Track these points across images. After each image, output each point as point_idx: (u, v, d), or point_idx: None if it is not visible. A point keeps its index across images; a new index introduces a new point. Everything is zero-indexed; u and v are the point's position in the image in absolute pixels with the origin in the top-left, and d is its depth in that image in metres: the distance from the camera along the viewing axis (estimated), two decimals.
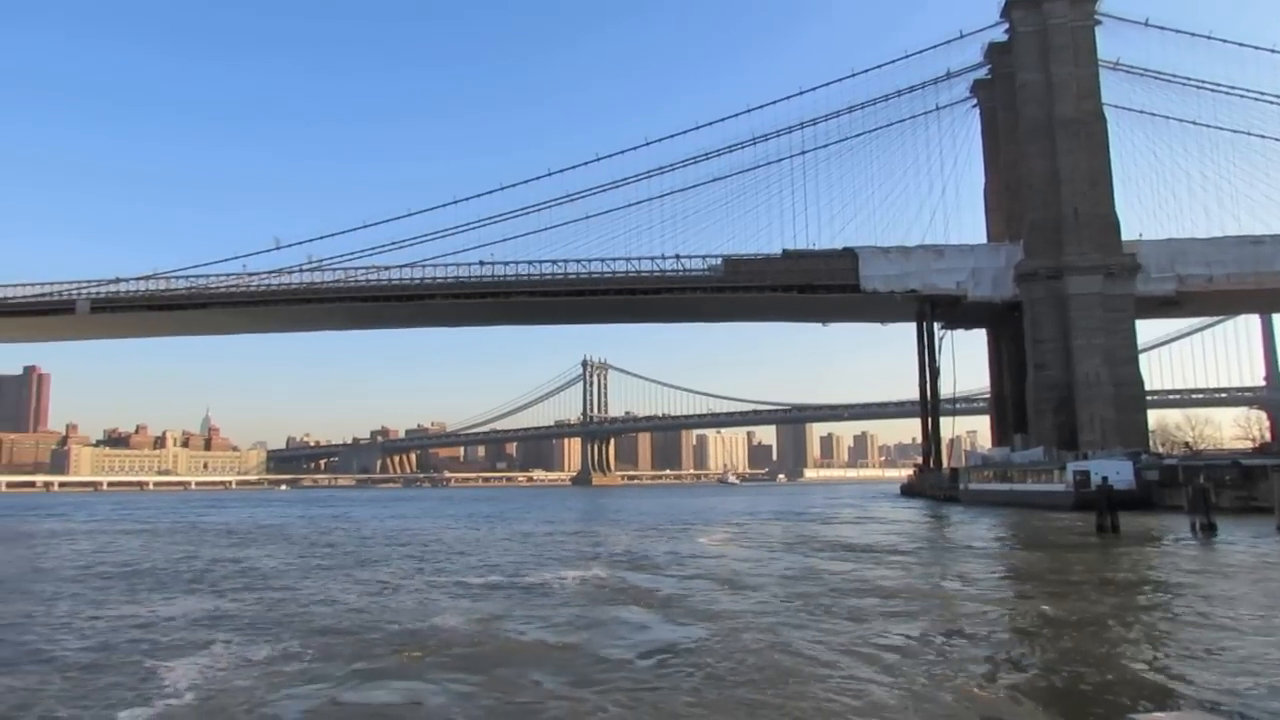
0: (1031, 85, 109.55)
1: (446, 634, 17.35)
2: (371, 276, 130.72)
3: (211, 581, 27.95)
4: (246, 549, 42.32)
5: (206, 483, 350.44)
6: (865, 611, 19.44)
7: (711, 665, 13.95)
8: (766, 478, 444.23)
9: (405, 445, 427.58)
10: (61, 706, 11.88)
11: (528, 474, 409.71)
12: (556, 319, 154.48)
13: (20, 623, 19.44)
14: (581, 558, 35.61)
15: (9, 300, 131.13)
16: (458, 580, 27.49)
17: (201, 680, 13.23)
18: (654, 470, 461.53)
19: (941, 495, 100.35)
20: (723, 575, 27.75)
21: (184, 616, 20.10)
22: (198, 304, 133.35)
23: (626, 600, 22.39)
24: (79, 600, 23.15)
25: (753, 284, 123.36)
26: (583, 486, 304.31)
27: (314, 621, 19.27)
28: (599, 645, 15.84)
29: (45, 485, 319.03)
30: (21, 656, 15.35)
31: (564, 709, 11.51)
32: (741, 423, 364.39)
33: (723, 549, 39.95)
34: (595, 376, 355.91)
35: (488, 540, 47.04)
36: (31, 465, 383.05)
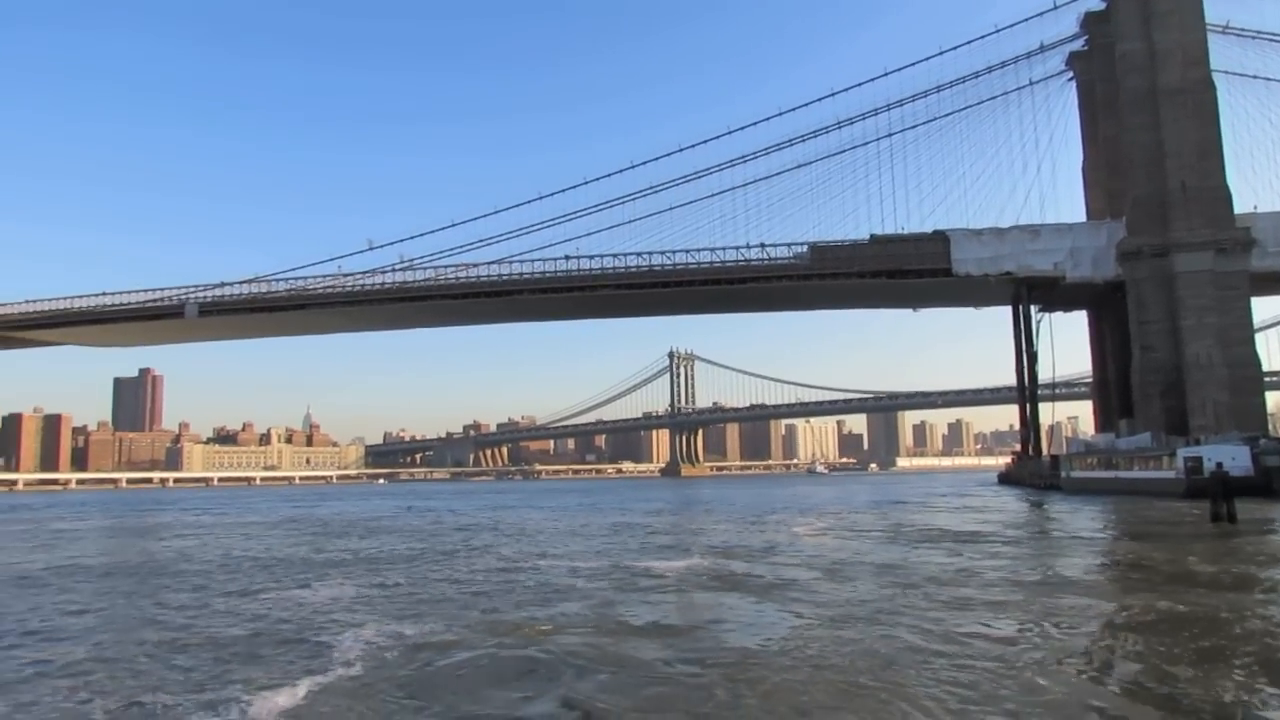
0: (1133, 54, 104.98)
1: (566, 617, 18.65)
2: (460, 274, 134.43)
3: (347, 568, 30.17)
4: (367, 539, 44.95)
5: (309, 477, 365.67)
6: (965, 601, 19.43)
7: (816, 652, 14.32)
8: (857, 467, 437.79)
9: (497, 439, 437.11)
10: (248, 676, 13.51)
11: (617, 466, 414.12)
12: (642, 311, 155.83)
13: (190, 605, 21.64)
14: (681, 546, 36.64)
15: (124, 305, 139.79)
16: (569, 566, 29.00)
17: (365, 653, 14.86)
18: (743, 461, 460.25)
19: (1042, 483, 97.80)
20: (821, 564, 28.26)
21: (333, 600, 22.03)
22: (297, 305, 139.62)
23: (729, 588, 23.16)
24: (232, 586, 25.39)
25: (840, 271, 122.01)
26: (671, 478, 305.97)
27: (448, 604, 21.00)
28: (706, 630, 16.73)
29: (161, 481, 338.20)
30: (200, 636, 17.22)
31: (676, 691, 12.15)
32: (831, 412, 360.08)
33: (818, 538, 40.30)
34: (682, 368, 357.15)
35: (588, 530, 48.62)
36: (148, 462, 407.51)
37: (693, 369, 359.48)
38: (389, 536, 46.44)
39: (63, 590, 25.04)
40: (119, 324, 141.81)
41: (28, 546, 43.39)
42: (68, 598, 23.36)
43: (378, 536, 46.57)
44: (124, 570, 30.94)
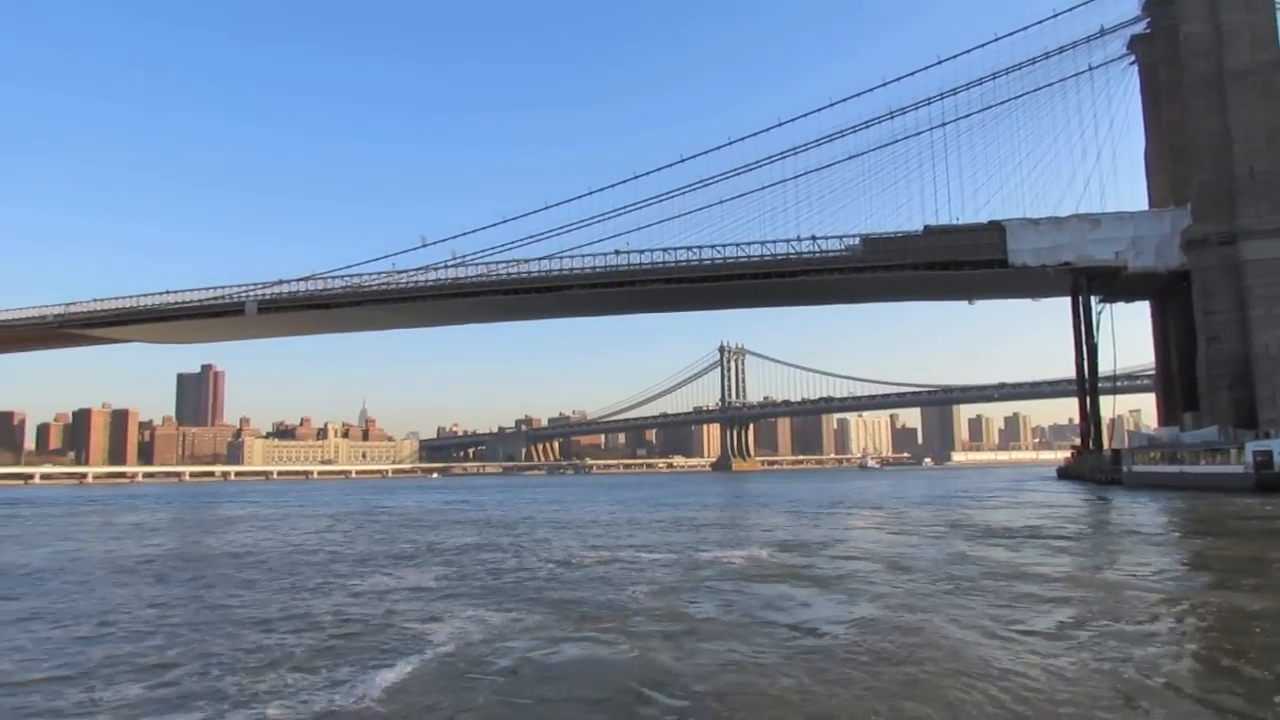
0: (1198, 36, 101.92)
1: (639, 603, 19.56)
2: (512, 270, 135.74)
3: (423, 558, 31.55)
4: (436, 531, 46.47)
5: (365, 471, 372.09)
6: (1027, 597, 19.42)
7: (877, 644, 14.62)
8: (911, 462, 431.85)
9: (548, 433, 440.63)
10: (352, 657, 14.59)
11: (668, 460, 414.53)
12: (692, 305, 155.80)
13: (286, 592, 23.02)
14: (739, 538, 37.28)
15: (187, 303, 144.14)
16: (637, 556, 30.06)
17: (456, 636, 15.94)
18: (794, 455, 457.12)
19: (1103, 478, 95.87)
20: (879, 557, 28.56)
21: (418, 588, 23.26)
22: (352, 302, 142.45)
23: (789, 579, 23.70)
24: (320, 576, 26.76)
25: (893, 263, 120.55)
26: (723, 472, 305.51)
27: (526, 591, 22.09)
28: (771, 619, 17.29)
29: (223, 475, 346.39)
30: (303, 621, 18.45)
31: (745, 677, 12.61)
32: (884, 406, 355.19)
33: (875, 532, 40.49)
34: (732, 362, 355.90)
35: (647, 522, 49.52)
36: (210, 456, 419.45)
37: (743, 363, 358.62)
38: (456, 528, 47.89)
39: (160, 580, 26.64)
40: (182, 321, 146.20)
41: (115, 538, 45.66)
42: (166, 588, 24.99)
43: (445, 529, 48.04)
44: (214, 560, 32.75)
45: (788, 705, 11.21)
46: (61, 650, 15.67)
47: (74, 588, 24.57)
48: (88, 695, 12.41)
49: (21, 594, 23.42)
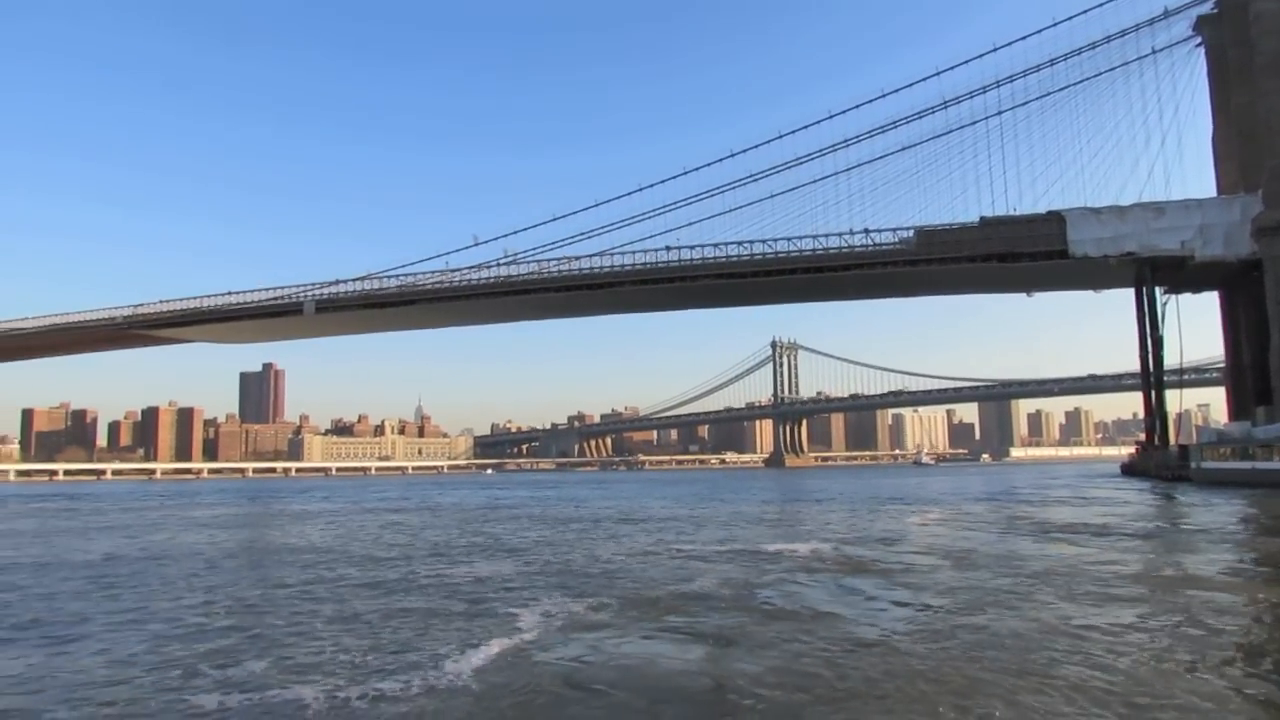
0: (1270, 14, 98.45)
1: (708, 594, 20.28)
2: (563, 267, 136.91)
3: (496, 550, 32.78)
4: (502, 525, 47.76)
5: (421, 467, 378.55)
6: (1092, 595, 19.32)
7: (941, 640, 14.80)
8: (968, 458, 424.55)
9: (601, 429, 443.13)
10: (444, 639, 15.64)
11: (720, 456, 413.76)
12: (743, 301, 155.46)
13: (371, 581, 24.26)
14: (800, 533, 37.67)
15: (248, 304, 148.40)
16: (702, 549, 30.88)
17: (540, 622, 16.92)
18: (848, 451, 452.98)
19: (1169, 475, 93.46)
20: (940, 553, 28.71)
21: (496, 576, 24.38)
22: (406, 301, 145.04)
23: (853, 573, 24.09)
24: (402, 566, 27.99)
25: (948, 255, 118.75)
26: (776, 468, 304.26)
27: (600, 581, 23.10)
28: (834, 613, 17.68)
29: (284, 471, 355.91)
30: (393, 607, 19.60)
31: (808, 672, 12.89)
32: (940, 401, 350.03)
33: (934, 528, 40.43)
34: (785, 357, 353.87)
35: (708, 517, 50.21)
36: (272, 452, 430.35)
37: (795, 358, 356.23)
38: (523, 523, 49.21)
39: (257, 567, 28.30)
40: (243, 321, 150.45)
41: (201, 530, 47.80)
42: (265, 575, 26.45)
43: (512, 523, 49.33)
44: (300, 550, 34.33)
45: (855, 701, 11.45)
46: (184, 629, 17.03)
47: (186, 574, 26.35)
48: (221, 672, 13.62)
49: (142, 579, 25.27)
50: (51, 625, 17.93)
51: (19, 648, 15.70)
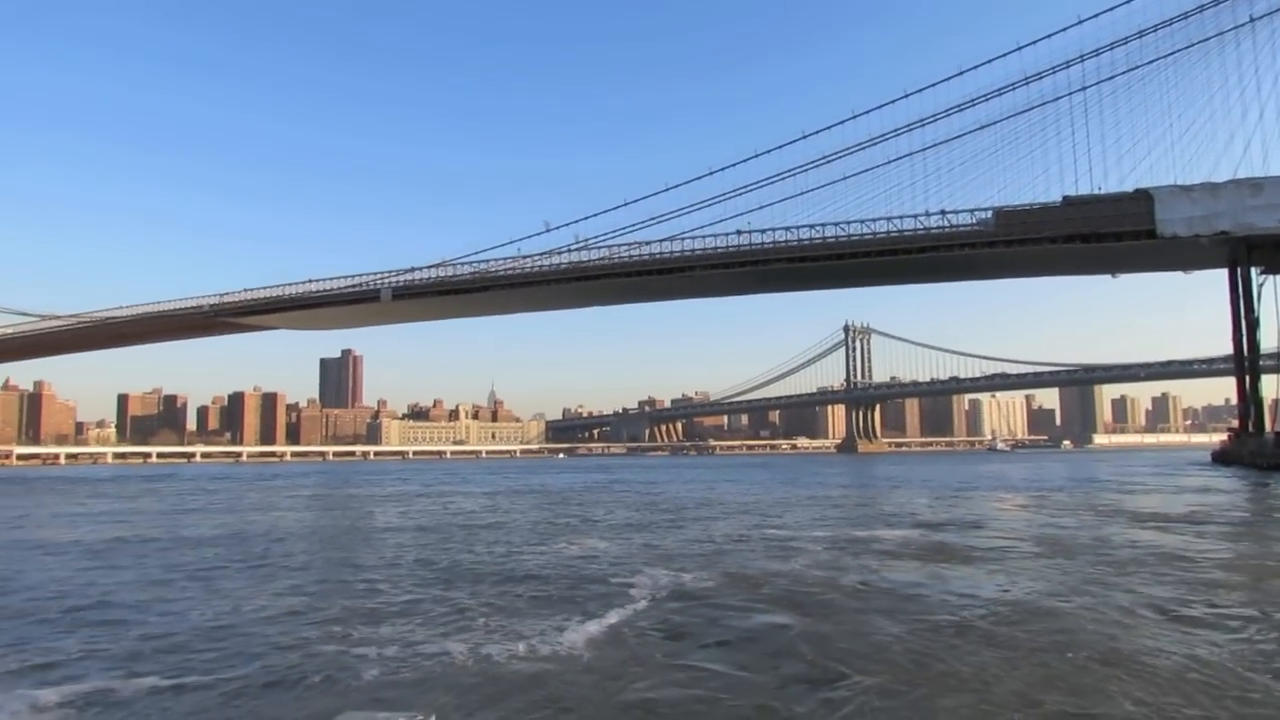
0: None
1: (801, 577, 21.13)
2: (633, 252, 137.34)
3: (588, 530, 34.36)
4: (591, 507, 49.38)
5: (494, 452, 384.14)
6: (1180, 584, 19.22)
7: (1031, 626, 14.90)
8: (1049, 444, 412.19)
9: (671, 414, 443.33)
10: (559, 611, 16.97)
11: (791, 441, 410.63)
12: (816, 284, 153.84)
13: (478, 557, 25.93)
14: (885, 517, 38.21)
15: (328, 291, 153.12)
16: (791, 533, 31.70)
17: (651, 595, 18.29)
18: (923, 437, 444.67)
19: (1264, 463, 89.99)
20: (1027, 539, 28.90)
21: (601, 554, 25.87)
22: (480, 287, 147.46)
23: (941, 559, 24.45)
24: (507, 543, 29.68)
25: (1028, 236, 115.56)
26: (848, 454, 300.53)
27: (700, 559, 24.35)
28: (923, 597, 18.22)
29: (363, 454, 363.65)
30: (505, 582, 21.15)
31: (900, 656, 13.18)
32: (1019, 386, 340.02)
33: (1019, 515, 40.35)
34: (858, 341, 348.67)
35: (791, 501, 51.03)
36: (351, 436, 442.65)
37: (869, 342, 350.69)
38: (610, 504, 50.90)
39: (369, 543, 30.48)
40: (323, 309, 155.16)
41: (305, 509, 50.71)
42: (381, 551, 28.38)
43: (600, 505, 50.94)
44: (404, 530, 36.28)
45: (943, 683, 11.68)
46: (327, 594, 18.95)
47: (306, 549, 28.62)
48: (372, 629, 15.23)
49: (280, 552, 27.69)
50: (218, 590, 20.18)
51: (201, 612, 17.75)
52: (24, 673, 12.84)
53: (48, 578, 22.64)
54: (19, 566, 25.10)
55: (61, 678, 12.50)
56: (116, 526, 39.16)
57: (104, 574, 23.18)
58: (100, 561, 26.04)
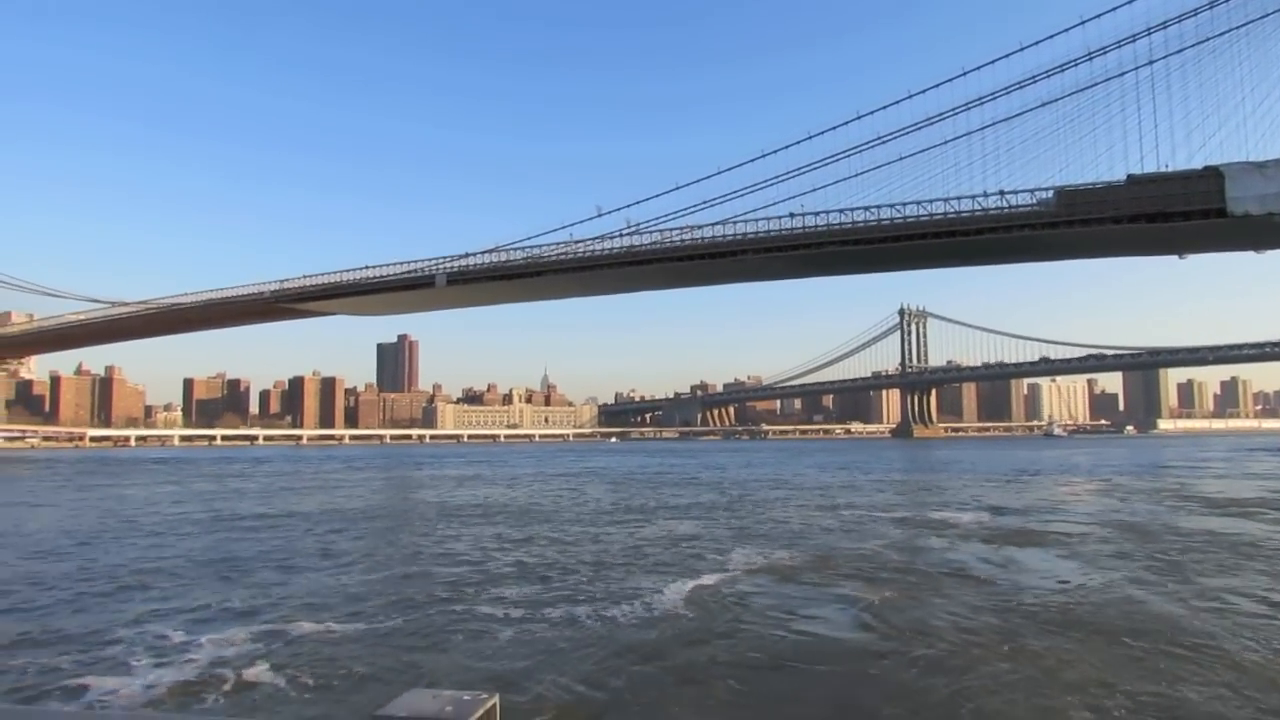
0: None
1: (878, 557, 21.88)
2: (685, 236, 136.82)
3: (673, 510, 35.69)
4: (659, 490, 50.46)
5: (547, 435, 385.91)
6: (1256, 570, 19.06)
7: (1106, 611, 15.01)
8: (1111, 429, 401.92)
9: (724, 399, 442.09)
10: (653, 577, 18.26)
11: (845, 426, 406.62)
12: (870, 267, 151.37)
13: (578, 531, 27.41)
14: (954, 501, 38.44)
15: (384, 278, 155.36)
16: (861, 516, 32.42)
17: (742, 565, 19.66)
18: (980, 422, 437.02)
19: None
20: (1095, 523, 29.04)
21: (686, 532, 27.17)
22: (533, 272, 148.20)
23: (1013, 541, 24.82)
24: (589, 523, 31.00)
25: (1091, 216, 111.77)
26: (903, 439, 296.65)
27: (780, 538, 25.36)
28: (995, 578, 18.53)
29: (419, 438, 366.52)
30: (600, 553, 22.60)
31: (977, 638, 13.39)
32: (1081, 370, 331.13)
33: (1086, 499, 39.77)
34: (913, 325, 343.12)
35: (855, 484, 51.74)
36: (407, 420, 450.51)
37: (925, 326, 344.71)
38: (678, 487, 52.12)
39: (461, 521, 32.13)
40: (379, 294, 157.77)
41: (382, 492, 53.14)
42: (476, 529, 29.92)
43: (669, 487, 52.24)
44: (487, 508, 38.07)
45: (1022, 661, 11.89)
46: (442, 565, 20.41)
47: (412, 523, 30.81)
48: (495, 589, 16.64)
49: (382, 527, 29.97)
50: (349, 556, 22.05)
51: (327, 573, 19.52)
52: (212, 619, 14.95)
53: (197, 545, 25.41)
54: (172, 537, 27.76)
55: (240, 622, 14.55)
56: (229, 503, 41.90)
57: (244, 543, 25.79)
58: (237, 533, 28.56)
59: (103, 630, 14.21)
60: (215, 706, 10.66)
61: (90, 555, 23.37)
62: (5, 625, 14.69)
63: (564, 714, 10.06)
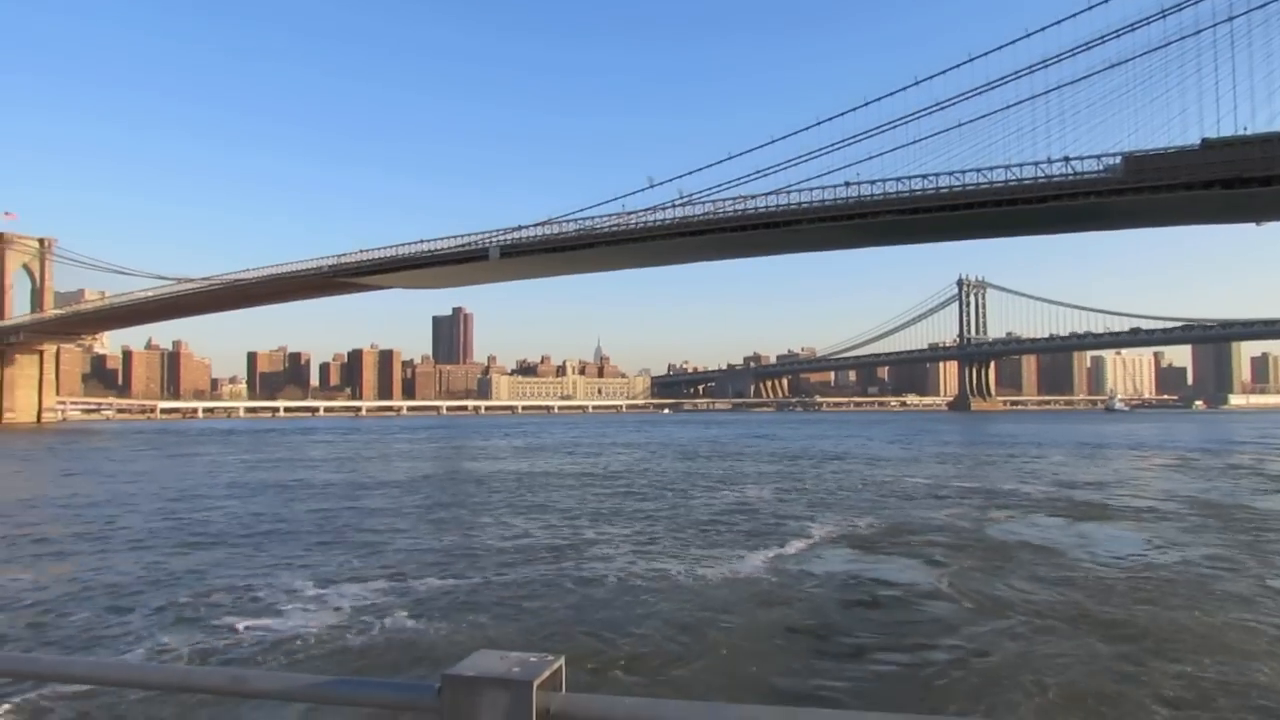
0: None
1: (951, 527, 22.41)
2: (738, 207, 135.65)
3: (747, 480, 36.77)
4: (731, 460, 51.39)
5: (601, 407, 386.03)
6: None
7: (1209, 588, 14.95)
8: (1178, 404, 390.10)
9: (777, 370, 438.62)
10: (752, 542, 19.60)
11: (900, 399, 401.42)
12: (928, 237, 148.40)
13: (668, 499, 28.71)
14: (1022, 475, 38.83)
15: (439, 251, 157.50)
16: (931, 486, 33.09)
17: (822, 534, 20.47)
18: (1040, 395, 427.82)
19: None
20: (1165, 498, 29.09)
21: (765, 501, 28.26)
22: (585, 244, 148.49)
23: (1091, 516, 24.71)
24: (677, 491, 32.25)
25: (1161, 183, 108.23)
26: (960, 412, 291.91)
27: (855, 506, 26.39)
28: (1065, 548, 18.82)
29: (474, 409, 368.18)
30: (688, 520, 23.79)
31: (1047, 601, 13.78)
32: (1147, 343, 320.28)
33: (1161, 475, 39.52)
34: (972, 296, 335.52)
35: (918, 456, 52.51)
36: (463, 392, 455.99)
37: (984, 297, 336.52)
38: (740, 458, 53.00)
39: (549, 487, 33.67)
40: (434, 268, 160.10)
41: (467, 461, 54.38)
42: (570, 493, 31.45)
43: (731, 459, 52.86)
44: (581, 476, 39.61)
45: (1099, 636, 11.99)
46: (545, 526, 21.70)
47: (503, 490, 32.20)
48: (592, 549, 17.78)
49: (477, 493, 31.38)
50: (454, 519, 23.52)
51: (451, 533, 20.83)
52: (336, 575, 16.17)
53: (303, 508, 27.29)
54: (276, 501, 29.93)
55: (363, 578, 15.83)
56: (315, 472, 44.06)
57: (344, 506, 27.63)
58: (333, 499, 30.38)
59: (244, 584, 15.60)
60: (376, 643, 11.80)
61: (205, 516, 25.07)
62: (154, 577, 16.17)
63: (636, 665, 10.74)
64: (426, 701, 2.35)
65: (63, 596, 14.55)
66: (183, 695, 8.03)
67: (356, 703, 2.66)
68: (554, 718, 2.28)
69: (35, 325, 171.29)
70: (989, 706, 9.08)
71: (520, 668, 2.32)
